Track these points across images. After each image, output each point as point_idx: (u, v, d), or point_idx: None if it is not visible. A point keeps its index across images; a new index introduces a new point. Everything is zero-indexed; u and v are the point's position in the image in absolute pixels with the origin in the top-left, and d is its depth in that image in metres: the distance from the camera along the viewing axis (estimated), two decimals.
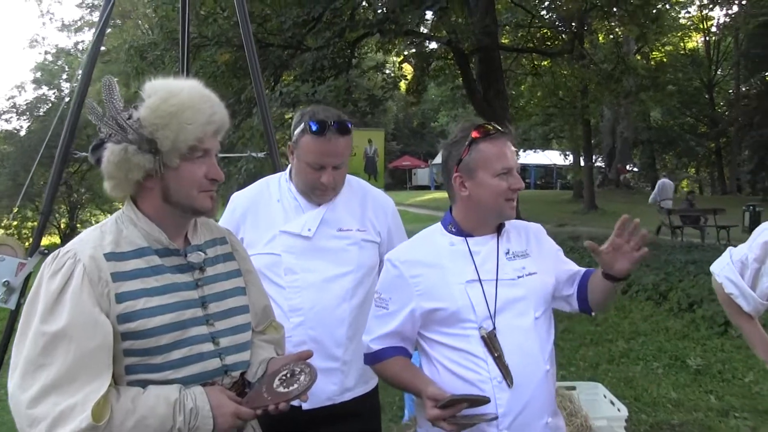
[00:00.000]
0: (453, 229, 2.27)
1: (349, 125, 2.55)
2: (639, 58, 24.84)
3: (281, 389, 1.84)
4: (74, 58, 43.13)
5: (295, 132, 2.59)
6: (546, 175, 51.58)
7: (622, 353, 7.36)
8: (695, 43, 38.67)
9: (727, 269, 2.69)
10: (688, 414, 5.51)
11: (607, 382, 6.20)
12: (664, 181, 20.24)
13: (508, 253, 2.25)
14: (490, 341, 2.11)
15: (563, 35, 19.33)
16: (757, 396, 5.90)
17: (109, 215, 2.11)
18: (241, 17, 4.52)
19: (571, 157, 36.34)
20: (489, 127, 2.18)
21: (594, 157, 32.43)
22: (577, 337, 8.02)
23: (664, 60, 27.37)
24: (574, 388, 4.94)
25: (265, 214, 2.67)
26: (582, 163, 30.44)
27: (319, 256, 2.60)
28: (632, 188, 38.25)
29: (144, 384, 1.74)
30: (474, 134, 2.17)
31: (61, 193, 19.64)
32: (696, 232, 16.95)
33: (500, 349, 2.11)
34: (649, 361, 7.06)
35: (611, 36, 20.10)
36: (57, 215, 25.59)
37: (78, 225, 23.43)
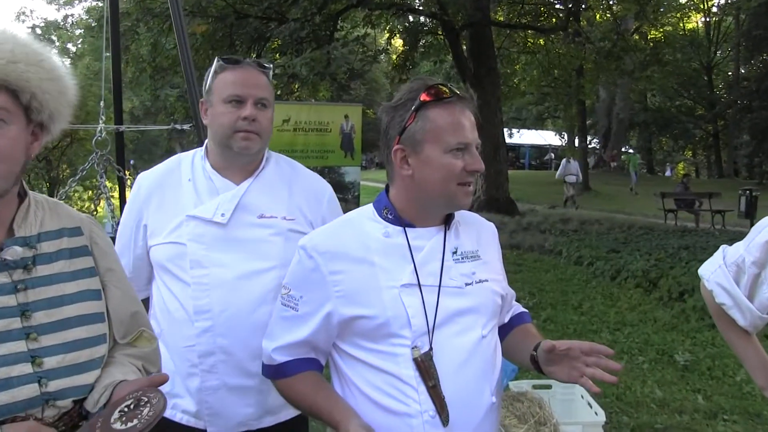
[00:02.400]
0: (389, 216, 1.77)
1: (268, 66, 2.23)
2: (637, 38, 24.37)
3: (118, 426, 1.39)
4: (64, 32, 42.38)
5: (207, 81, 2.19)
6: (541, 155, 51.09)
7: (606, 346, 6.90)
8: (694, 24, 38.12)
9: (718, 273, 2.13)
10: (673, 416, 5.07)
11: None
12: (570, 159, 23.08)
13: (456, 252, 1.78)
14: (425, 366, 1.65)
15: (558, 12, 18.83)
16: (748, 396, 5.45)
17: (90, 192, 1.66)
18: None
19: (566, 137, 35.89)
20: (444, 88, 1.70)
21: (589, 138, 31.99)
22: (560, 327, 7.55)
23: (663, 40, 26.85)
24: (550, 386, 4.55)
25: (172, 197, 2.20)
26: (576, 144, 30.05)
27: (234, 248, 2.13)
28: (626, 170, 37.89)
29: None
30: (423, 97, 1.68)
31: (41, 169, 19.20)
32: (691, 216, 16.63)
33: (436, 376, 1.64)
34: (635, 354, 6.62)
35: (608, 14, 19.54)
36: (36, 191, 25.10)
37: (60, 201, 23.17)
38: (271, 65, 2.30)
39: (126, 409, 1.43)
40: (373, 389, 1.69)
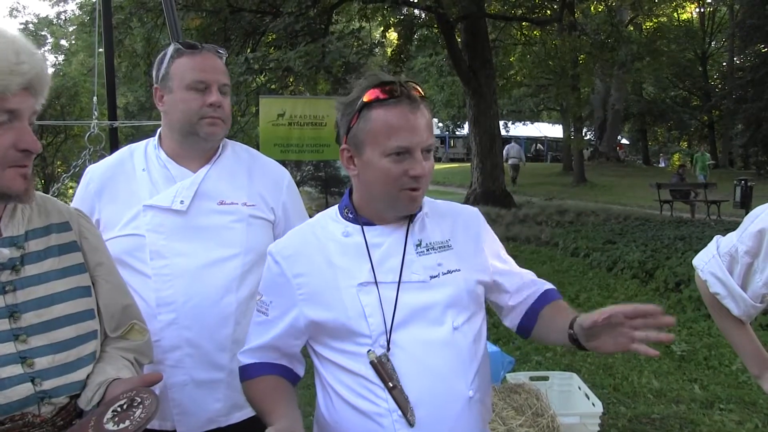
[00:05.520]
0: (349, 215, 1.73)
1: (223, 51, 2.20)
2: (632, 29, 24.35)
3: (110, 426, 1.40)
4: (57, 28, 42.24)
5: (162, 66, 2.12)
6: (536, 147, 51.15)
7: None
8: (689, 14, 38.10)
9: (712, 264, 2.13)
10: (670, 406, 5.08)
11: (585, 370, 5.81)
12: (512, 144, 27.38)
13: (419, 245, 1.71)
14: (382, 368, 1.60)
15: (553, 4, 18.79)
16: (744, 386, 5.47)
17: None
18: None
19: (572, 128, 35.80)
20: (393, 87, 1.60)
21: (584, 130, 31.99)
22: None
23: (657, 30, 26.81)
24: (547, 378, 4.56)
25: (126, 188, 2.14)
26: (572, 135, 30.05)
27: (195, 236, 2.08)
28: (623, 161, 37.86)
29: None
30: (366, 96, 1.60)
31: (35, 165, 19.28)
32: (686, 207, 16.66)
33: (396, 376, 1.60)
34: None
35: (603, 5, 19.52)
36: None
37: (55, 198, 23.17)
38: (225, 51, 2.26)
39: (119, 409, 1.43)
40: (347, 390, 1.65)
